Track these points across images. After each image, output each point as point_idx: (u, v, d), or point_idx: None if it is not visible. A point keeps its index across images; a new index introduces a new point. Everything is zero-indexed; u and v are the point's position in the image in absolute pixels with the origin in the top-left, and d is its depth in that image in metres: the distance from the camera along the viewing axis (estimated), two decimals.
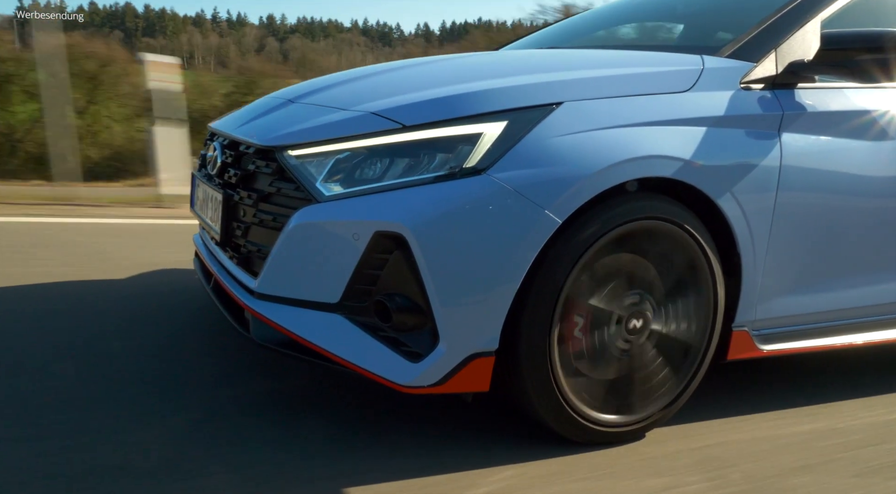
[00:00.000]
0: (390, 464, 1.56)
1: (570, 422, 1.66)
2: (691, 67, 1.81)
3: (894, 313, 2.18)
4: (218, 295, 2.01)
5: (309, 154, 1.62)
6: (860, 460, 1.75)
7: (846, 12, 2.06)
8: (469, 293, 1.51)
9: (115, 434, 1.60)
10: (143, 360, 2.05)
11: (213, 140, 2.09)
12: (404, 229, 1.47)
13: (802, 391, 2.19)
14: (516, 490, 1.49)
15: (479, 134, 1.54)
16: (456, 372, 1.54)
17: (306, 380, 1.99)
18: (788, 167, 1.82)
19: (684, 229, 1.70)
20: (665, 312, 1.76)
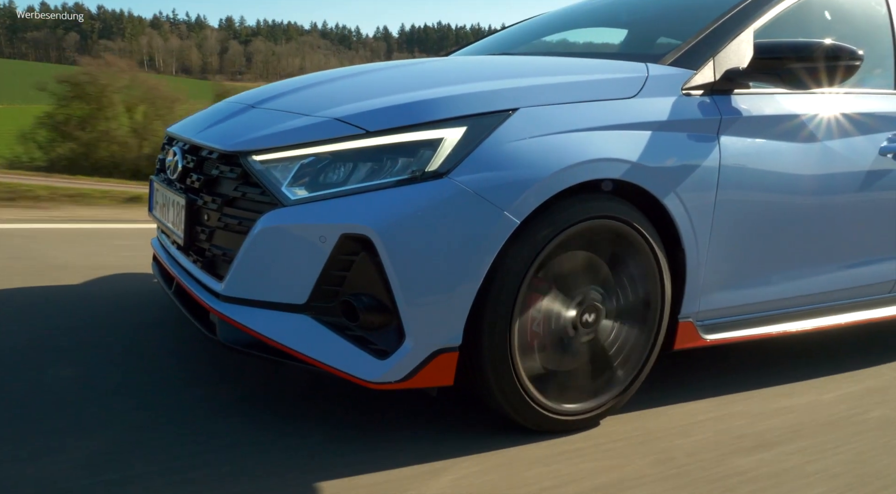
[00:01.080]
0: (356, 458, 1.61)
1: (530, 412, 1.74)
2: (636, 75, 1.92)
3: (825, 302, 2.35)
4: (180, 299, 2.02)
5: (273, 159, 1.66)
6: (802, 437, 1.90)
7: (776, 22, 2.22)
8: (433, 291, 1.58)
9: (82, 439, 1.60)
10: (108, 365, 2.04)
11: (172, 144, 2.10)
12: (370, 231, 1.53)
13: (735, 377, 2.34)
14: (478, 477, 1.56)
15: (440, 139, 1.61)
16: (422, 367, 1.60)
17: (272, 380, 2.02)
18: (726, 167, 1.95)
19: (633, 227, 1.81)
20: (616, 306, 1.86)
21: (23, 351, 2.12)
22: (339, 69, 2.43)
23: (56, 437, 1.60)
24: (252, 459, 1.57)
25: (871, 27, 2.63)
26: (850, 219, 2.32)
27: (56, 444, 1.57)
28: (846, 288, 2.40)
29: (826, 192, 2.21)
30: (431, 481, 1.54)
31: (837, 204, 2.26)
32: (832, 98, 2.27)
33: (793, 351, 2.67)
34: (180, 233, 1.88)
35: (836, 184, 2.24)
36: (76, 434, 1.62)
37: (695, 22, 2.22)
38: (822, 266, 2.28)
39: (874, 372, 2.51)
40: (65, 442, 1.58)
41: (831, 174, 2.22)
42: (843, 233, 2.33)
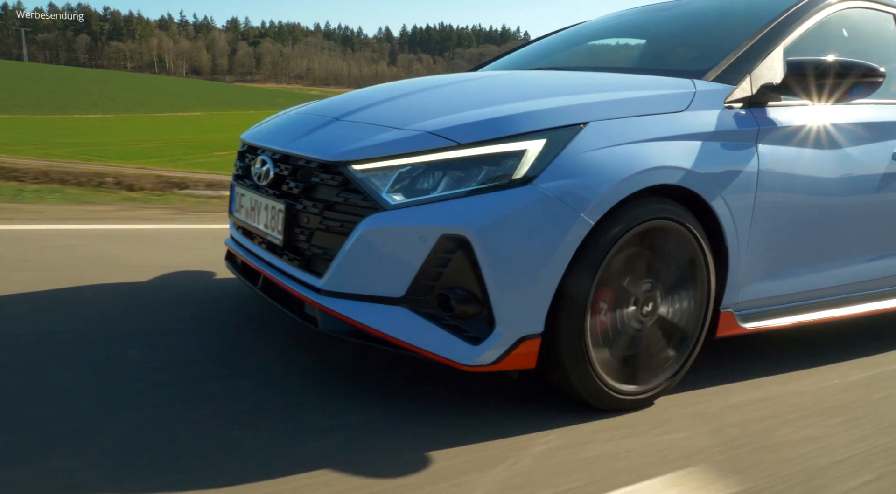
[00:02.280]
0: (451, 431, 1.82)
1: (599, 392, 1.96)
2: (685, 90, 2.14)
3: (851, 292, 2.60)
4: (269, 293, 2.22)
5: (373, 168, 1.86)
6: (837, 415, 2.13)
7: (802, 40, 2.45)
8: (520, 284, 1.79)
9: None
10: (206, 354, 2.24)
11: (258, 153, 2.29)
12: (468, 232, 1.74)
13: (777, 360, 2.57)
14: (561, 450, 1.78)
15: (524, 150, 1.82)
16: (510, 352, 1.82)
17: (361, 361, 2.22)
18: (764, 172, 2.18)
19: (686, 227, 2.03)
20: (671, 298, 2.08)
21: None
22: (403, 83, 2.64)
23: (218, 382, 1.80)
24: (369, 429, 1.78)
25: (880, 42, 2.88)
26: (869, 218, 2.57)
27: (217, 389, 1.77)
28: (866, 280, 2.65)
29: (848, 194, 2.45)
30: (525, 450, 1.75)
31: (857, 204, 2.50)
32: (852, 108, 2.51)
33: (810, 339, 2.91)
34: (277, 234, 2.08)
35: (857, 186, 2.48)
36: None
37: (720, 37, 2.46)
38: (844, 260, 2.53)
39: (884, 357, 2.76)
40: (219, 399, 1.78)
41: (852, 177, 2.46)
42: (863, 230, 2.58)
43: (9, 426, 1.69)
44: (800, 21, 2.47)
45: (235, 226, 2.54)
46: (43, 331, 2.36)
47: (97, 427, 1.71)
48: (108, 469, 1.53)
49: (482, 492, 1.56)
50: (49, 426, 1.70)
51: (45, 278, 2.98)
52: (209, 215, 5.54)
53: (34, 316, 2.52)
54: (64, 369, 2.05)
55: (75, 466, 1.53)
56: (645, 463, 1.74)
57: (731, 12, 2.84)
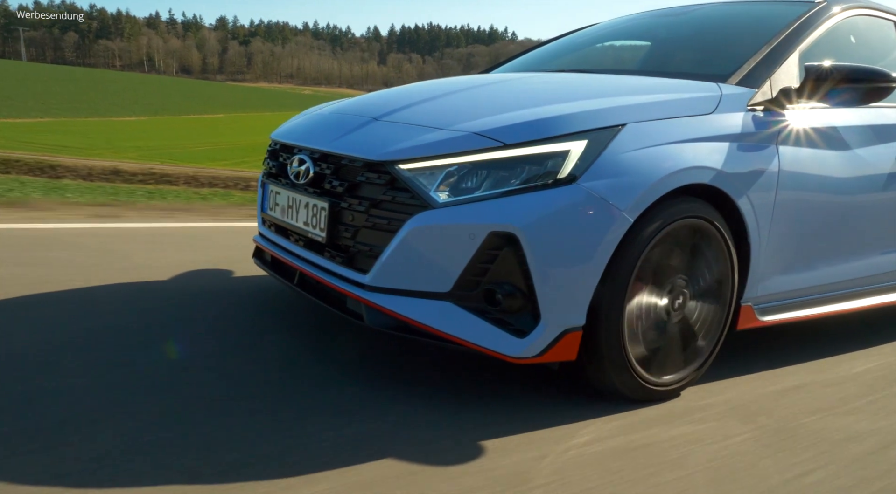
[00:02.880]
0: (500, 420, 1.89)
1: (633, 384, 2.04)
2: (713, 94, 2.23)
3: (862, 286, 2.72)
4: (307, 290, 2.26)
5: (420, 167, 1.92)
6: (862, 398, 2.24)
7: (815, 45, 2.56)
8: (564, 279, 1.87)
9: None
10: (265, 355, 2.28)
11: (294, 152, 2.33)
12: (516, 229, 1.81)
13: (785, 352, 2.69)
14: (603, 440, 1.86)
15: (567, 151, 1.89)
16: (553, 344, 1.89)
17: (397, 356, 2.28)
18: (784, 172, 2.28)
19: (713, 225, 2.13)
20: (699, 292, 2.17)
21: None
22: (433, 84, 2.70)
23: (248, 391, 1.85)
24: (414, 422, 1.84)
25: (883, 48, 3.01)
26: (877, 215, 2.70)
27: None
28: (875, 274, 2.78)
29: (858, 192, 2.57)
30: (569, 440, 1.83)
31: (867, 201, 2.63)
32: (864, 112, 2.63)
33: (819, 332, 3.03)
34: (319, 231, 2.13)
35: (867, 185, 2.60)
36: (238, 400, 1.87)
37: (744, 44, 2.56)
38: (855, 255, 2.65)
39: (886, 348, 2.89)
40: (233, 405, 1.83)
41: (863, 176, 2.58)
42: (872, 227, 2.70)
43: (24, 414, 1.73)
44: (813, 28, 2.58)
45: (266, 224, 2.58)
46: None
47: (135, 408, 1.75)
48: (143, 447, 1.58)
49: (538, 481, 1.63)
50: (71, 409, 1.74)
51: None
52: None
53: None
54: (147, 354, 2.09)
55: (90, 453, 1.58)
56: (686, 453, 1.83)
57: (742, 19, 2.94)
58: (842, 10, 2.74)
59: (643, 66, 3.00)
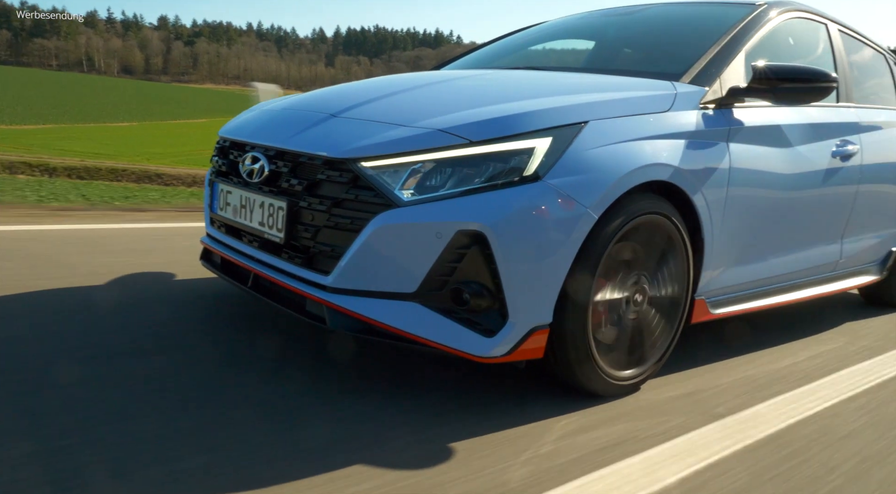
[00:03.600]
0: (469, 421, 1.86)
1: (598, 380, 2.06)
2: (668, 92, 2.27)
3: (809, 277, 2.84)
4: (262, 292, 2.18)
5: (384, 165, 1.87)
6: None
7: (759, 45, 2.65)
8: (532, 277, 1.86)
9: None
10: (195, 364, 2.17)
11: (246, 150, 2.24)
12: (484, 227, 1.79)
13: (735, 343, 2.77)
14: (580, 432, 1.86)
15: (533, 148, 1.88)
16: (521, 343, 1.88)
17: (361, 364, 2.22)
18: (734, 168, 2.35)
19: (671, 221, 2.16)
20: (658, 288, 2.21)
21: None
22: (390, 79, 2.65)
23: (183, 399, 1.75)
24: (378, 427, 1.79)
25: (817, 49, 3.15)
26: (818, 208, 2.83)
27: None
28: (817, 265, 2.91)
29: (802, 187, 2.68)
30: (544, 436, 1.82)
31: (811, 196, 2.74)
32: (804, 110, 2.74)
33: (764, 324, 3.15)
34: (276, 232, 2.05)
35: (809, 180, 2.71)
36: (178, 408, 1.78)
37: (693, 44, 2.62)
38: (801, 248, 2.77)
39: (825, 336, 3.03)
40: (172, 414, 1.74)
41: (805, 172, 2.69)
42: (814, 220, 2.83)
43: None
44: (756, 29, 2.67)
45: (215, 224, 2.47)
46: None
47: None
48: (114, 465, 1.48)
49: (511, 480, 1.61)
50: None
51: None
52: None
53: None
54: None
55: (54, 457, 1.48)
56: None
57: (689, 19, 3.02)
58: (781, 12, 2.84)
59: (596, 65, 3.03)
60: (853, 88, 3.26)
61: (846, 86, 3.19)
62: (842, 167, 2.94)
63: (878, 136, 3.30)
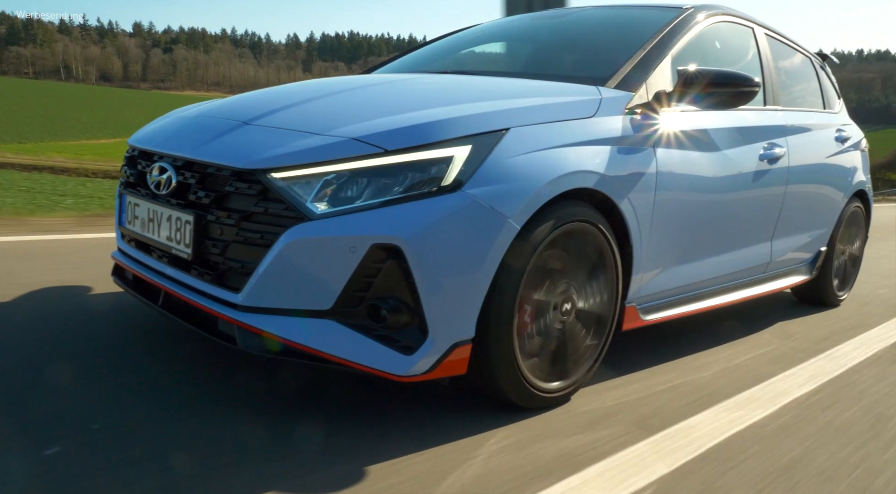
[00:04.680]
0: (382, 445, 1.78)
1: (524, 393, 2.00)
2: (593, 97, 2.23)
3: (741, 279, 2.86)
4: (172, 311, 2.05)
5: (295, 176, 1.77)
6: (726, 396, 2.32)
7: (685, 50, 2.64)
8: (452, 291, 1.78)
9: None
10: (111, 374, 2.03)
11: (154, 160, 2.11)
12: (400, 241, 1.71)
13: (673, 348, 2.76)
14: (509, 451, 1.80)
15: (451, 157, 1.81)
16: (443, 359, 1.81)
17: (279, 382, 2.12)
18: (661, 173, 2.33)
19: (598, 228, 2.12)
20: (586, 296, 2.17)
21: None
22: (307, 84, 2.54)
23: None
24: (282, 450, 1.70)
25: (743, 52, 3.17)
26: (747, 211, 2.85)
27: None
28: (747, 267, 2.93)
29: (730, 190, 2.69)
30: (469, 456, 1.75)
31: (738, 199, 2.76)
32: (730, 114, 2.75)
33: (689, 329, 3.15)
34: (184, 247, 1.93)
35: (736, 183, 2.72)
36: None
37: (620, 49, 2.60)
38: (730, 251, 2.78)
39: (758, 338, 3.05)
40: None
41: (733, 175, 2.69)
42: (743, 223, 2.85)
43: None
44: (682, 33, 2.66)
45: (125, 238, 2.33)
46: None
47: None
48: None
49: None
50: None
51: None
52: None
53: None
54: None
55: None
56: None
57: (616, 23, 3.01)
58: (707, 16, 2.85)
59: (524, 68, 2.99)
60: (780, 91, 3.30)
61: (773, 89, 3.22)
62: (769, 169, 2.97)
63: (805, 139, 3.35)
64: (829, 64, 4.19)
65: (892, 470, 1.88)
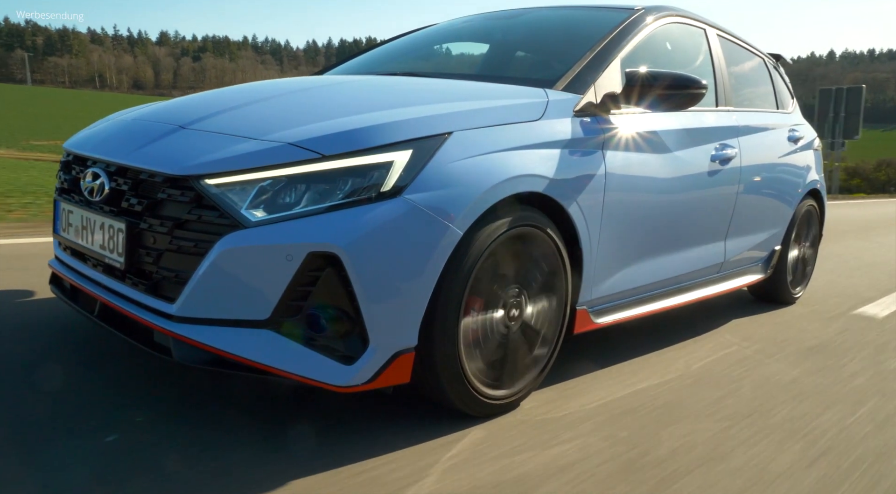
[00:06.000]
0: (329, 457, 1.74)
1: (472, 400, 1.97)
2: (539, 100, 2.21)
3: (695, 279, 2.87)
4: (108, 321, 1.99)
5: (229, 182, 1.72)
6: (707, 401, 2.32)
7: (634, 52, 2.64)
8: (393, 299, 1.75)
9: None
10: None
11: (87, 165, 2.04)
12: (338, 249, 1.67)
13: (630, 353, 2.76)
14: (467, 464, 1.77)
15: (391, 162, 1.77)
16: (385, 368, 1.77)
17: (201, 387, 2.06)
18: (610, 175, 2.32)
19: (546, 233, 2.11)
20: (534, 300, 2.15)
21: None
22: (252, 86, 2.49)
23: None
24: (240, 456, 1.65)
25: (695, 53, 3.18)
26: (698, 212, 2.86)
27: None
28: (698, 268, 2.94)
29: (679, 191, 2.69)
30: (424, 473, 1.72)
31: (689, 200, 2.77)
32: (680, 116, 2.75)
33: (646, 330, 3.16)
34: (117, 256, 1.87)
35: (687, 184, 2.73)
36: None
37: (569, 50, 2.59)
38: (682, 252, 2.79)
39: (715, 335, 3.07)
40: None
41: (682, 176, 2.70)
42: (694, 224, 2.86)
43: None
44: (632, 34, 2.66)
45: (62, 247, 2.25)
46: None
47: None
48: None
49: None
50: None
51: None
52: None
53: None
54: None
55: None
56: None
57: (567, 24, 2.99)
58: (658, 17, 2.85)
59: (476, 69, 2.96)
60: (732, 92, 3.32)
61: (724, 89, 3.24)
62: (721, 170, 2.99)
63: (757, 139, 3.38)
64: (783, 64, 4.24)
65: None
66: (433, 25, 3.52)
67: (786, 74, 4.21)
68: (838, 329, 3.45)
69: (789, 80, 4.25)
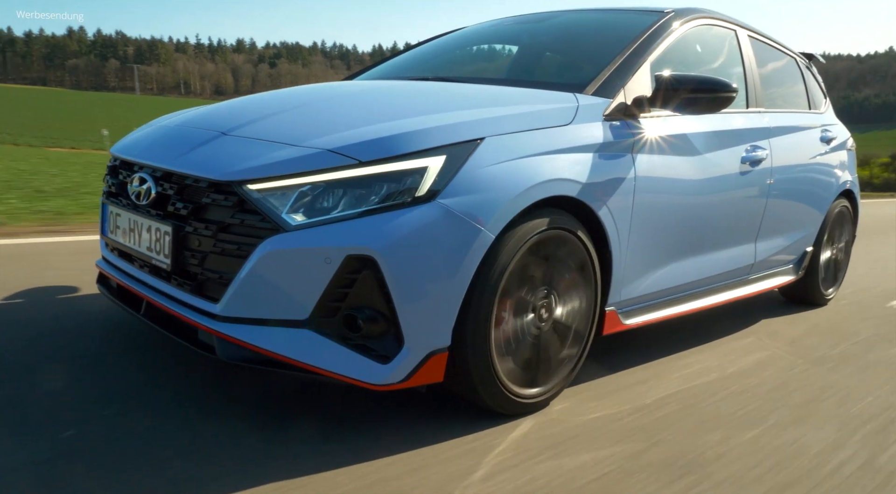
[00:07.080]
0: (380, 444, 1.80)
1: (504, 400, 2.02)
2: (570, 104, 2.25)
3: (724, 281, 2.88)
4: (155, 320, 2.07)
5: (270, 188, 1.79)
6: (730, 407, 2.34)
7: (665, 54, 2.65)
8: (427, 301, 1.81)
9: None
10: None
11: (134, 170, 2.13)
12: (374, 252, 1.73)
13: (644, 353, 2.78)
14: (510, 468, 1.81)
15: (425, 167, 1.83)
16: (419, 368, 1.83)
17: (247, 385, 2.14)
18: (640, 178, 2.34)
19: (576, 236, 2.14)
20: (564, 302, 2.19)
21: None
22: (289, 92, 2.56)
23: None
24: (261, 454, 1.72)
25: (726, 56, 3.18)
26: (727, 214, 2.86)
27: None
28: (728, 270, 2.95)
29: (710, 194, 2.71)
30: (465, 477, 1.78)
31: (717, 202, 2.77)
32: (709, 118, 2.76)
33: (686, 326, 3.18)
34: (164, 258, 1.95)
35: (717, 186, 2.74)
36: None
37: (599, 54, 2.61)
38: (711, 254, 2.80)
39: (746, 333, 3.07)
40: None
41: (713, 178, 2.71)
42: (723, 226, 2.86)
43: None
44: (662, 37, 2.67)
45: (109, 248, 2.35)
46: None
47: None
48: None
49: None
50: None
51: None
52: None
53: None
54: None
55: None
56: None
57: (596, 28, 3.02)
58: (687, 20, 2.86)
59: (505, 74, 3.00)
60: (763, 93, 3.31)
61: (755, 91, 3.24)
62: (752, 171, 2.99)
63: (789, 140, 3.37)
64: (816, 64, 4.20)
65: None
66: (462, 29, 3.57)
67: (818, 73, 4.17)
68: (874, 325, 3.43)
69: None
